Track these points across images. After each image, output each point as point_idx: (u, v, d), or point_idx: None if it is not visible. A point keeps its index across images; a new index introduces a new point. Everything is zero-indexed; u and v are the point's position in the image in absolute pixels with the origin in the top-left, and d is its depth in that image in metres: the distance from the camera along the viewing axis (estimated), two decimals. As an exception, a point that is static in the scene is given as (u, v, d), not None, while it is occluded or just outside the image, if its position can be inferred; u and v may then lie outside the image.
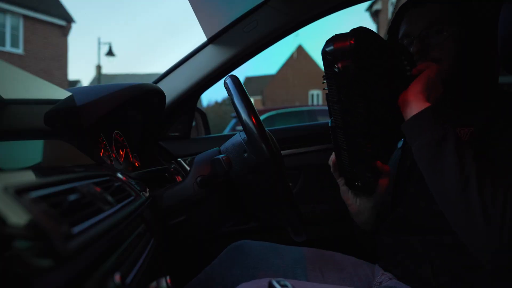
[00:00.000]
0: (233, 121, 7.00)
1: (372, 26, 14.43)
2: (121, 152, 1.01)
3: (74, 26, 15.20)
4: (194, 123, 1.57)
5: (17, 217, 0.32)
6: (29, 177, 0.45)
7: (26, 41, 12.23)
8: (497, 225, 0.57)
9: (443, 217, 0.66)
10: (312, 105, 20.41)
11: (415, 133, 0.67)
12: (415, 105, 0.69)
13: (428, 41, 0.81)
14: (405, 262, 0.81)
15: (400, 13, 0.89)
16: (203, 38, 1.32)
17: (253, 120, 0.71)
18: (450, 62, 0.79)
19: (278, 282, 0.56)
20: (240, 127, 0.97)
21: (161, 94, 1.10)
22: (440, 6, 0.81)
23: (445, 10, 0.81)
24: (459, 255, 0.72)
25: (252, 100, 0.75)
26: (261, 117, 2.22)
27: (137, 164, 1.10)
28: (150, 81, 1.22)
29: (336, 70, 0.69)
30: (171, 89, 1.31)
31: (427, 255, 0.77)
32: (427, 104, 0.68)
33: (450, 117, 0.74)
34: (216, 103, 17.84)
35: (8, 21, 11.84)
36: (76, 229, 0.38)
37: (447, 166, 0.62)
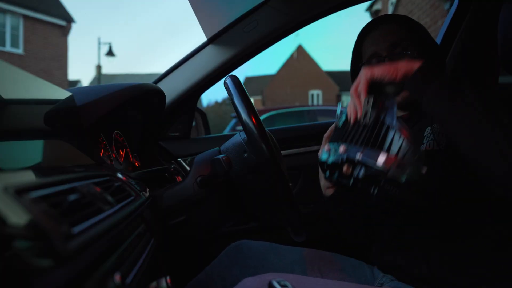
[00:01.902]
0: (233, 121, 7.00)
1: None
2: (121, 152, 1.01)
3: (74, 26, 15.20)
4: (194, 123, 1.57)
5: (17, 217, 0.32)
6: (29, 177, 0.45)
7: (26, 41, 12.22)
8: None
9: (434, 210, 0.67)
10: (312, 105, 20.41)
11: (429, 79, 0.64)
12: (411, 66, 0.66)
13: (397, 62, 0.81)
14: (400, 263, 0.81)
15: (362, 35, 0.94)
16: (203, 38, 1.32)
17: (253, 120, 0.71)
18: None
19: (278, 282, 0.57)
20: (240, 127, 0.97)
21: (161, 94, 1.10)
22: (396, 26, 0.89)
23: (401, 30, 0.88)
24: (453, 248, 0.73)
25: (252, 100, 0.75)
26: (261, 117, 2.21)
27: (137, 164, 1.10)
28: (150, 81, 1.22)
29: None
30: (171, 89, 1.30)
31: (422, 254, 0.77)
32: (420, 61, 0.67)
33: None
34: (216, 103, 17.81)
35: (8, 21, 11.84)
36: (76, 229, 0.38)
37: (467, 101, 0.61)
